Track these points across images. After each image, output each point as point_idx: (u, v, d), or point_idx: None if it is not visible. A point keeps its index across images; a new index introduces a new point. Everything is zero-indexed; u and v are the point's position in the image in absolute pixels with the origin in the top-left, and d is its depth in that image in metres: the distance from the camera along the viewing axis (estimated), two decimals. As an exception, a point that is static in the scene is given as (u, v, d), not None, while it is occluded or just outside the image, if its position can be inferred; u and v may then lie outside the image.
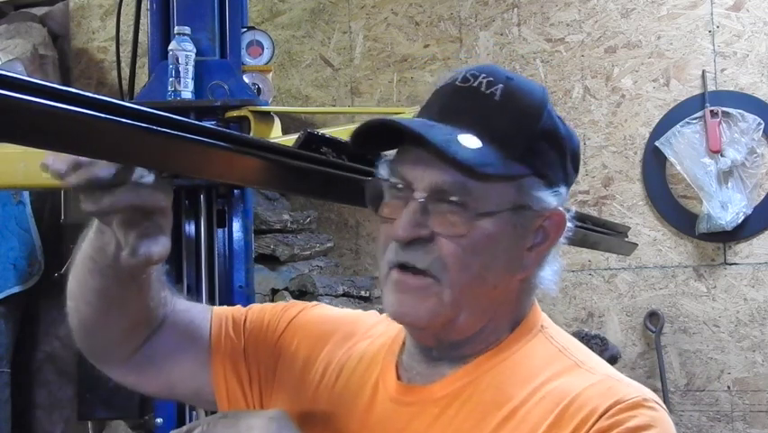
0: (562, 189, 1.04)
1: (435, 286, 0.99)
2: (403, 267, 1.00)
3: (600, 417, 0.94)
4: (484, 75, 1.02)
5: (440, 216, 0.98)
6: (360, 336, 1.17)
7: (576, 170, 1.08)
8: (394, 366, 1.09)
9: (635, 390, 1.00)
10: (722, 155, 3.54)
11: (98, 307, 1.10)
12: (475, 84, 1.01)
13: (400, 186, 1.01)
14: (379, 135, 1.02)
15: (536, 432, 0.95)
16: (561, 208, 1.04)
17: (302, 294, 3.43)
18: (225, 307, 1.23)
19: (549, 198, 1.02)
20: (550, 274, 1.07)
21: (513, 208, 1.00)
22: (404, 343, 1.11)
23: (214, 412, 1.16)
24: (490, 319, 1.04)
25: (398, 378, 1.08)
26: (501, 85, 1.01)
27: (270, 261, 3.55)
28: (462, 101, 1.01)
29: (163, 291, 1.15)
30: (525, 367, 1.02)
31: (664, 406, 1.00)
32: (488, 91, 1.01)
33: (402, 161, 1.02)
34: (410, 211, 0.98)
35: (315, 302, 1.28)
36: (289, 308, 1.24)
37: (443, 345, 1.04)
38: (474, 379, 1.02)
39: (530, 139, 1.01)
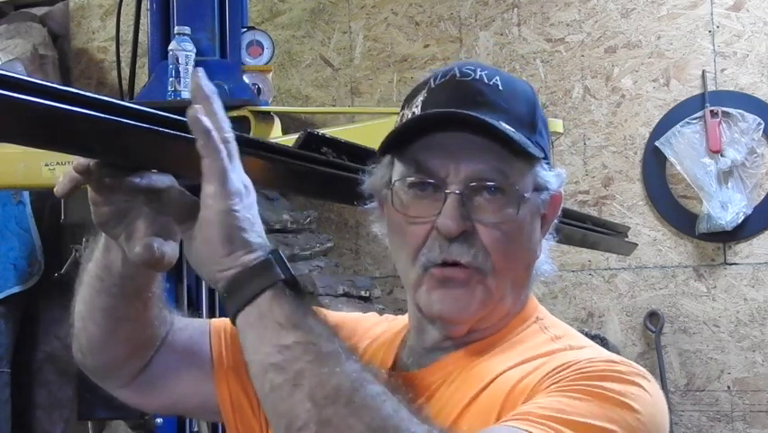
0: (562, 173, 1.08)
1: (479, 276, 1.00)
2: (444, 264, 0.99)
3: (571, 365, 0.93)
4: (479, 68, 1.05)
5: (480, 205, 0.99)
6: (360, 336, 1.17)
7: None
8: (391, 361, 1.09)
9: (622, 358, 0.98)
10: (722, 155, 3.54)
11: (105, 326, 1.09)
12: (477, 77, 1.03)
13: (430, 181, 1.00)
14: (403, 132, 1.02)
15: (512, 383, 0.94)
16: (561, 190, 1.08)
17: (302, 294, 3.43)
18: (223, 318, 1.22)
19: (554, 180, 1.06)
20: (544, 258, 1.09)
21: (536, 190, 1.03)
22: (404, 340, 1.11)
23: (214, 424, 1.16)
24: (514, 303, 1.05)
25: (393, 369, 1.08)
26: (498, 76, 1.04)
27: (270, 261, 3.55)
28: (474, 93, 1.01)
29: (165, 310, 1.15)
30: (514, 351, 1.01)
31: (653, 380, 0.96)
32: (491, 82, 1.03)
33: (427, 156, 1.00)
34: (453, 205, 0.98)
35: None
36: None
37: (469, 334, 1.04)
38: (464, 364, 1.02)
39: (539, 122, 1.05)
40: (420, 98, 1.05)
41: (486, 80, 1.03)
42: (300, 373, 0.82)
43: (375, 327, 1.19)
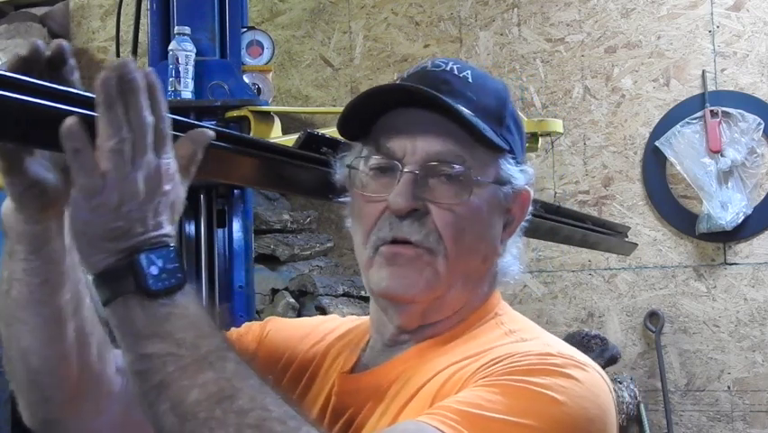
0: (529, 170, 1.06)
1: (428, 256, 0.98)
2: (395, 242, 0.99)
3: (505, 358, 0.91)
4: (452, 62, 1.05)
5: (434, 187, 0.99)
6: (321, 337, 1.15)
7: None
8: (352, 363, 1.08)
9: (566, 349, 0.95)
10: (722, 155, 3.54)
11: (56, 342, 0.99)
12: (447, 68, 1.04)
13: (387, 162, 1.00)
14: (360, 112, 1.02)
15: (447, 374, 0.93)
16: (528, 188, 1.06)
17: (302, 294, 3.43)
18: None
19: (520, 176, 1.04)
20: (511, 259, 1.07)
21: (497, 182, 1.02)
22: (368, 341, 1.10)
23: None
24: (470, 298, 1.04)
25: (353, 372, 1.06)
26: (469, 70, 1.04)
27: (270, 261, 3.55)
28: (441, 81, 1.02)
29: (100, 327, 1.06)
30: (465, 347, 1.00)
31: (596, 369, 0.94)
32: (461, 75, 1.03)
33: (385, 136, 1.00)
34: (405, 182, 0.98)
35: (270, 317, 1.24)
36: (250, 326, 1.21)
37: (423, 326, 1.02)
38: (417, 362, 1.00)
39: (506, 117, 1.04)
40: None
41: (456, 72, 1.03)
42: (162, 385, 0.80)
43: (338, 329, 1.17)
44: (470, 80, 1.03)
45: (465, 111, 0.98)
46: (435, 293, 1.00)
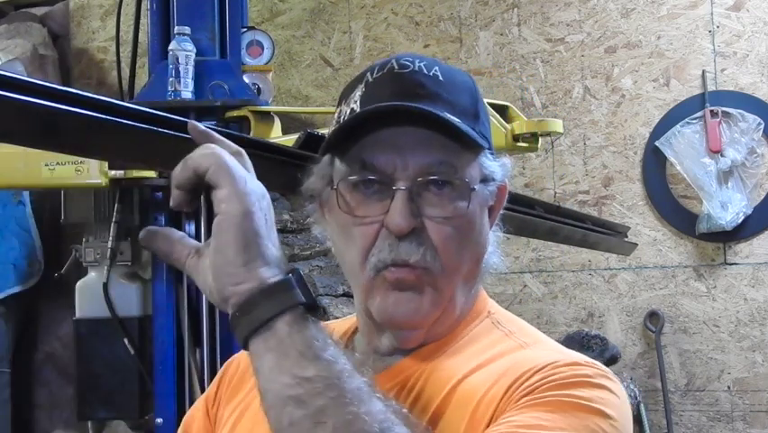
0: (506, 162, 1.05)
1: (427, 277, 0.96)
2: (395, 265, 0.96)
3: (535, 372, 0.90)
4: (417, 60, 1.00)
5: (430, 200, 0.96)
6: None
7: None
8: None
9: (581, 357, 0.95)
10: (722, 155, 3.54)
11: None
12: (416, 68, 0.99)
13: (376, 180, 0.96)
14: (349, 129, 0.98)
15: (477, 395, 0.91)
16: (506, 180, 1.05)
17: (302, 294, 3.43)
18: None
19: (499, 170, 1.03)
20: (492, 249, 1.05)
21: (483, 182, 1.00)
22: (347, 345, 1.07)
23: None
24: (467, 299, 1.03)
25: None
26: (436, 66, 1.01)
27: (270, 261, 3.55)
28: (415, 85, 0.97)
29: None
30: (469, 351, 0.99)
31: (613, 375, 0.95)
32: (430, 73, 0.99)
33: (370, 152, 0.96)
34: (402, 201, 0.94)
35: (229, 361, 1.18)
36: (219, 374, 1.17)
37: (425, 342, 1.01)
38: (420, 368, 0.98)
39: (480, 111, 1.02)
40: (358, 93, 1.00)
41: (425, 71, 0.98)
42: (322, 411, 0.76)
43: None
44: (440, 78, 0.99)
45: (455, 120, 0.95)
46: (439, 311, 0.98)
